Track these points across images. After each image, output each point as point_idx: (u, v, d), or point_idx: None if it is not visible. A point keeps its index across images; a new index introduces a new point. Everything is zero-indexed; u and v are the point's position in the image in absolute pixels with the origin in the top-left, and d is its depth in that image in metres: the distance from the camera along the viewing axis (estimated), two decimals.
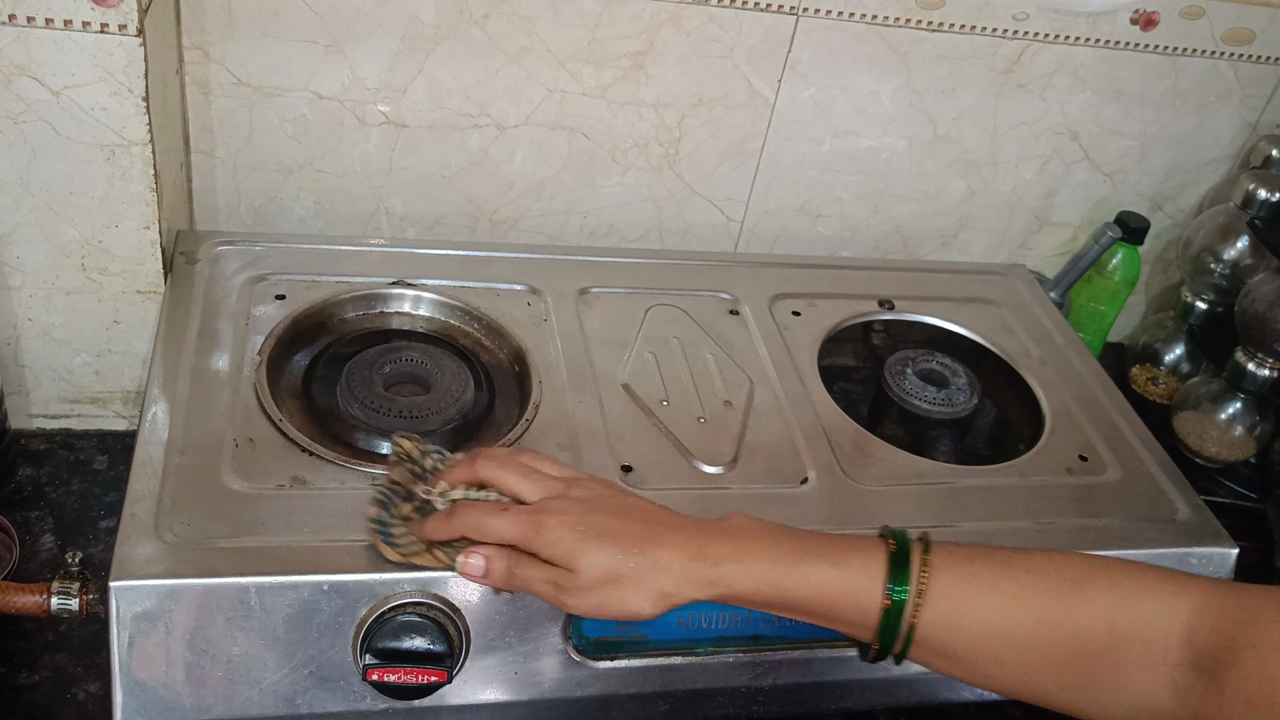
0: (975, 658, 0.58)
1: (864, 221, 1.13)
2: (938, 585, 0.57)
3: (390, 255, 0.92)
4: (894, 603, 0.57)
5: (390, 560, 0.64)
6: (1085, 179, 1.16)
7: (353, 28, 0.91)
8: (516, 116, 0.99)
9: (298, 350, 0.84)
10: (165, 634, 0.62)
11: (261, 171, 0.97)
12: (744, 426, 0.82)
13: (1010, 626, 0.57)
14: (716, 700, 0.74)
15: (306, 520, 0.67)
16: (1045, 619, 0.57)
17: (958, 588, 0.57)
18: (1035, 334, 0.99)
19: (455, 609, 0.65)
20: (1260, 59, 1.10)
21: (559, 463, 0.65)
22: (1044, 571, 0.58)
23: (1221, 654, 0.53)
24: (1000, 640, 0.57)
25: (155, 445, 0.70)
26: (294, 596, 0.63)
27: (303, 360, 0.84)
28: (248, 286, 0.86)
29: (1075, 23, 1.04)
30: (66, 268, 0.84)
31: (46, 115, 0.76)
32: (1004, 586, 0.57)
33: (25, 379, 0.89)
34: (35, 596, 0.66)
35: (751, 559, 0.59)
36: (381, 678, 0.63)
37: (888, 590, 0.57)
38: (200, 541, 0.64)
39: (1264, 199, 1.08)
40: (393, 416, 0.77)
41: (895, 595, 0.57)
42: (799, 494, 0.77)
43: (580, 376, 0.83)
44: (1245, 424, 1.07)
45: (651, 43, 0.97)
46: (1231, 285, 1.12)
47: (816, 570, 0.58)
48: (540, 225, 1.06)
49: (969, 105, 1.07)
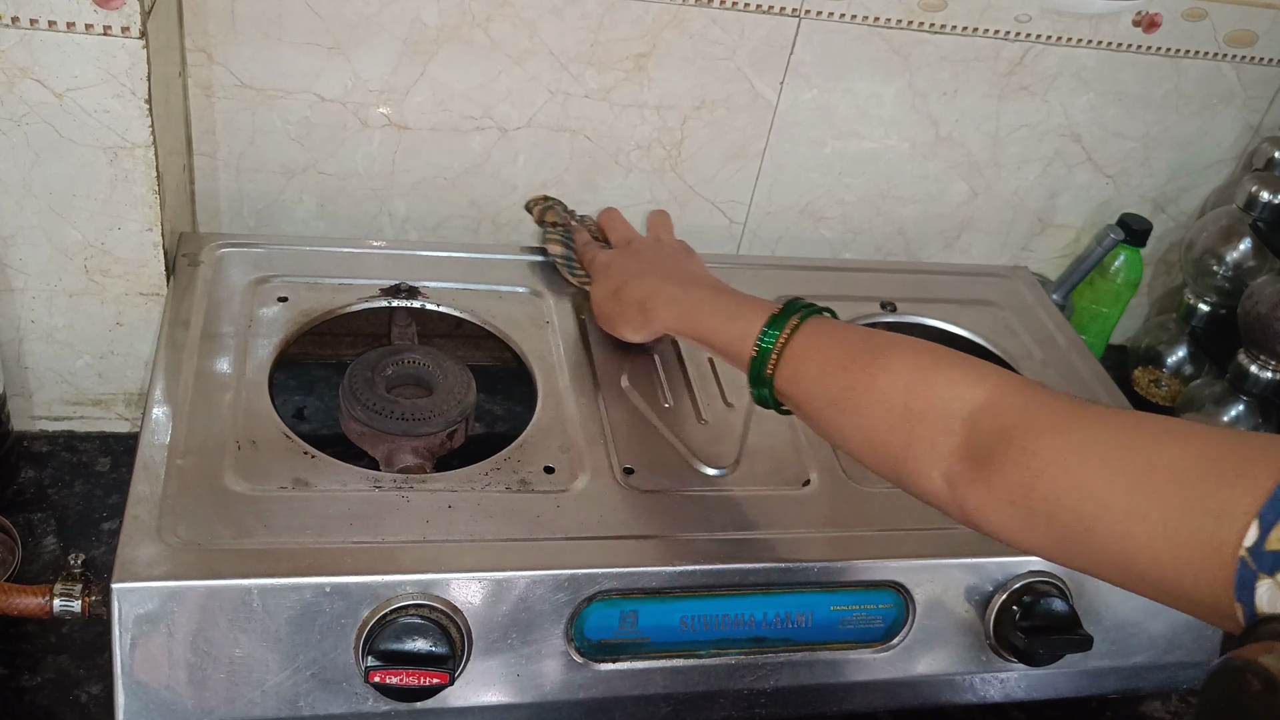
0: (818, 417, 0.65)
1: (866, 223, 1.13)
2: (792, 347, 0.66)
3: (392, 257, 0.92)
4: (757, 354, 0.67)
5: (572, 285, 0.91)
6: (1088, 181, 1.16)
7: (355, 30, 0.91)
8: (519, 119, 0.99)
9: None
10: (167, 636, 0.62)
11: (264, 174, 0.97)
12: (746, 428, 0.82)
13: (833, 392, 0.63)
14: (719, 703, 0.74)
15: (309, 522, 0.67)
16: (855, 384, 0.62)
17: (803, 349, 0.66)
18: (1038, 336, 0.99)
19: (457, 611, 0.65)
20: (1263, 61, 1.10)
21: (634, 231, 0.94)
22: (867, 345, 0.63)
23: (996, 449, 0.54)
24: (828, 404, 0.64)
25: (158, 447, 0.70)
26: (296, 598, 0.63)
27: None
28: (250, 289, 0.86)
29: (1077, 25, 1.04)
30: (69, 270, 0.84)
31: (49, 117, 0.77)
32: (832, 354, 0.64)
33: (28, 381, 0.89)
34: (38, 598, 0.66)
35: (678, 304, 0.76)
36: (383, 680, 0.63)
37: (755, 343, 0.67)
38: (203, 543, 0.64)
39: (1267, 201, 1.08)
40: (395, 418, 0.77)
41: (760, 347, 0.67)
42: (801, 496, 0.77)
43: (581, 379, 0.83)
44: (1248, 426, 1.07)
45: (654, 45, 0.97)
46: (1234, 287, 1.12)
47: (715, 319, 0.72)
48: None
49: (971, 107, 1.07)
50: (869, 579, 0.73)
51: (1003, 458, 0.54)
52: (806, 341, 0.66)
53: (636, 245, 0.90)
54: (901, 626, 0.75)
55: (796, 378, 0.66)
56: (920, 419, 0.59)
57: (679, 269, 0.84)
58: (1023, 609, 0.74)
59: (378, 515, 0.69)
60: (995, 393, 0.57)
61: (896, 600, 0.74)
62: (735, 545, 0.72)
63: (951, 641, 0.76)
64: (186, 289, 0.84)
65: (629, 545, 0.70)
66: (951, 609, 0.75)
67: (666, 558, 0.70)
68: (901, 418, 0.59)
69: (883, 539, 0.75)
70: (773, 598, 0.72)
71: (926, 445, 0.58)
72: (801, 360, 0.65)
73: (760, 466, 0.79)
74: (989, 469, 0.54)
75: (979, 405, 0.57)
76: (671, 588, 0.69)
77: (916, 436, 0.59)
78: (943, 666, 0.77)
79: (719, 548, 0.71)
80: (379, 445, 0.79)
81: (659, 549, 0.70)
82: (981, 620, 0.75)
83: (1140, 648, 0.79)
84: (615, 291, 0.83)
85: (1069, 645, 0.74)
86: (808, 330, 0.66)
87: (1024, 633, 0.73)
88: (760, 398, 0.69)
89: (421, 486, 0.72)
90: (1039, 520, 0.52)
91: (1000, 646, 0.75)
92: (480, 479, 0.73)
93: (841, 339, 0.65)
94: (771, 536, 0.73)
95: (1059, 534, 0.52)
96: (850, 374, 0.62)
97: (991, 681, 0.79)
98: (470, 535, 0.68)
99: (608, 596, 0.68)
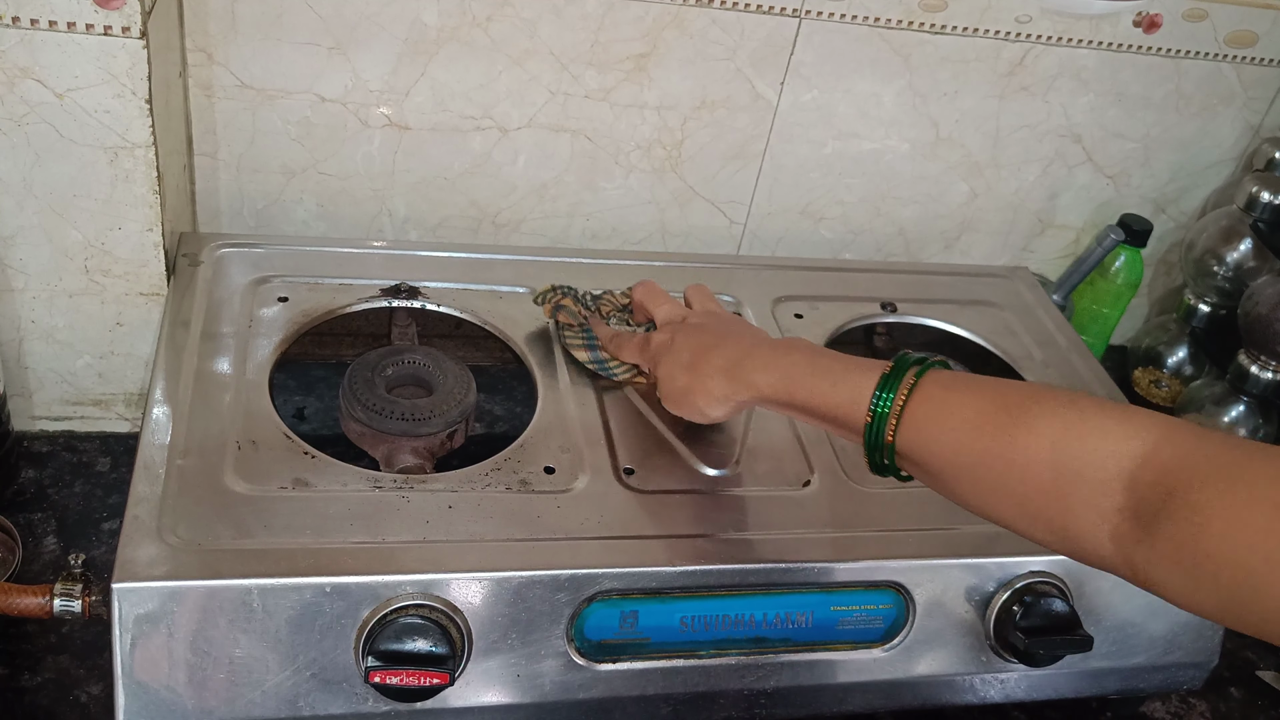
0: (945, 479, 0.60)
1: (866, 224, 1.13)
2: (912, 407, 0.61)
3: (393, 258, 0.92)
4: (873, 418, 0.62)
5: (618, 383, 0.83)
6: (1088, 181, 1.16)
7: (356, 30, 0.91)
8: (519, 119, 0.99)
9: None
10: (167, 636, 0.62)
11: (264, 174, 0.97)
12: (746, 429, 0.82)
13: (965, 455, 0.58)
14: (719, 703, 0.74)
15: (309, 522, 0.67)
16: (992, 449, 0.57)
17: (926, 411, 0.60)
18: (1038, 336, 0.99)
19: (457, 611, 0.65)
20: (1263, 61, 1.10)
21: (676, 302, 0.83)
22: (1003, 402, 0.58)
23: (1159, 507, 0.50)
24: (960, 467, 0.59)
25: (158, 447, 0.70)
26: (296, 598, 0.63)
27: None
28: (250, 289, 0.86)
29: (1078, 25, 1.04)
30: (69, 270, 0.84)
31: (50, 118, 0.77)
32: (965, 415, 0.59)
33: (28, 381, 0.89)
34: (38, 598, 0.66)
35: (775, 370, 0.68)
36: (383, 680, 0.63)
37: (869, 408, 0.62)
38: (203, 543, 0.64)
39: (1267, 201, 1.08)
40: (395, 419, 0.77)
41: (875, 410, 0.62)
42: (802, 496, 0.77)
43: (582, 379, 0.83)
44: (1248, 427, 1.07)
45: (654, 45, 0.97)
46: (1234, 288, 1.12)
47: (817, 383, 0.65)
48: (543, 228, 1.06)
49: (971, 108, 1.07)
50: (869, 579, 0.73)
51: (1165, 514, 0.50)
52: (928, 401, 0.60)
53: (697, 317, 0.79)
54: (902, 627, 0.75)
55: (921, 443, 0.60)
56: (1074, 480, 0.54)
57: (761, 334, 0.75)
58: (1023, 609, 0.74)
59: (378, 515, 0.69)
60: (1152, 444, 0.52)
61: (897, 600, 0.74)
62: (735, 545, 0.72)
63: (952, 642, 0.76)
64: (187, 289, 0.84)
65: (629, 545, 0.70)
66: (952, 609, 0.75)
67: (666, 558, 0.70)
68: (1052, 481, 0.54)
69: (883, 539, 0.74)
70: (773, 598, 0.72)
71: (1086, 509, 0.53)
72: (926, 423, 0.60)
73: (761, 467, 0.79)
74: (1153, 527, 0.50)
75: (1137, 460, 0.52)
76: (671, 588, 0.69)
77: (1073, 501, 0.54)
78: (943, 667, 0.77)
79: (719, 548, 0.71)
80: (379, 445, 0.79)
81: (659, 549, 0.70)
82: (982, 621, 0.75)
83: (1140, 648, 0.79)
84: (690, 365, 0.73)
85: (1069, 646, 0.74)
86: (928, 388, 0.60)
87: (1024, 633, 0.73)
88: (878, 467, 0.63)
89: (421, 487, 0.72)
90: (1204, 579, 0.48)
91: (1000, 647, 0.75)
92: (480, 479, 0.73)
93: (970, 395, 0.59)
94: (772, 537, 0.73)
95: (1226, 594, 0.48)
96: (986, 435, 0.57)
97: (991, 682, 0.79)
98: (470, 535, 0.68)
99: (608, 597, 0.68)
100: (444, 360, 0.83)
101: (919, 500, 0.78)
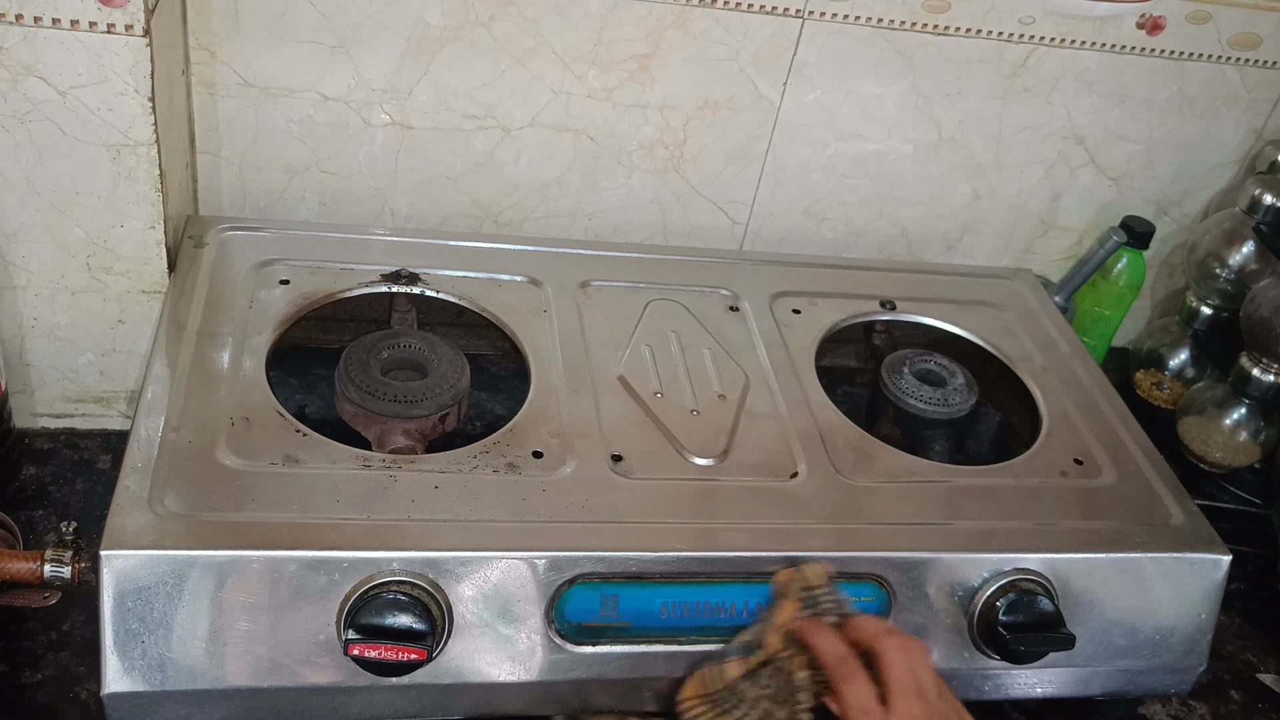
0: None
1: (869, 225, 1.13)
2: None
3: (394, 244, 0.93)
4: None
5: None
6: (1091, 183, 1.16)
7: (359, 29, 0.91)
8: (522, 118, 0.99)
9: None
10: (154, 604, 0.63)
11: (267, 172, 0.97)
12: (736, 420, 0.82)
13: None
14: None
15: (296, 497, 0.68)
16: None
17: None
18: (1039, 338, 0.99)
19: (439, 588, 0.66)
20: (1267, 64, 1.10)
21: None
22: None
23: None
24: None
25: (153, 420, 0.71)
26: (281, 571, 0.64)
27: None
28: (253, 271, 0.86)
29: (1081, 27, 1.04)
30: (72, 267, 0.84)
31: (53, 115, 0.77)
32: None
33: (30, 378, 0.89)
34: (29, 563, 0.67)
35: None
36: (362, 653, 0.63)
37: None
38: (191, 515, 0.65)
39: (1270, 204, 1.08)
40: (387, 400, 0.78)
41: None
42: (788, 488, 0.77)
43: (576, 367, 0.84)
44: (1250, 429, 1.07)
45: (657, 45, 0.97)
46: (1237, 290, 1.12)
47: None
48: (545, 227, 1.06)
49: (974, 109, 1.07)
50: (850, 571, 0.73)
51: None
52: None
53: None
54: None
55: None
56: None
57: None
58: (1006, 606, 0.74)
59: (365, 493, 0.69)
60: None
61: (878, 593, 0.74)
62: (718, 533, 0.72)
63: (933, 637, 0.75)
64: (191, 269, 0.85)
65: (611, 529, 0.70)
66: (934, 604, 0.74)
67: (648, 542, 0.70)
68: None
69: (866, 532, 0.74)
70: (753, 586, 0.71)
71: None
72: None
73: (749, 458, 0.79)
74: None
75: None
76: (653, 573, 0.70)
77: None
78: None
79: (702, 535, 0.72)
80: (371, 426, 0.79)
81: (642, 534, 0.70)
82: (965, 616, 0.75)
83: (1126, 650, 0.79)
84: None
85: (1051, 643, 0.74)
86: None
87: (1007, 629, 0.73)
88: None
89: (409, 467, 0.72)
90: None
91: (983, 643, 0.75)
92: (468, 461, 0.73)
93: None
94: (755, 526, 0.73)
95: None
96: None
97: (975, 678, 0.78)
98: (455, 515, 0.69)
99: (589, 579, 0.69)
100: (439, 345, 0.84)
101: (906, 495, 0.78)
